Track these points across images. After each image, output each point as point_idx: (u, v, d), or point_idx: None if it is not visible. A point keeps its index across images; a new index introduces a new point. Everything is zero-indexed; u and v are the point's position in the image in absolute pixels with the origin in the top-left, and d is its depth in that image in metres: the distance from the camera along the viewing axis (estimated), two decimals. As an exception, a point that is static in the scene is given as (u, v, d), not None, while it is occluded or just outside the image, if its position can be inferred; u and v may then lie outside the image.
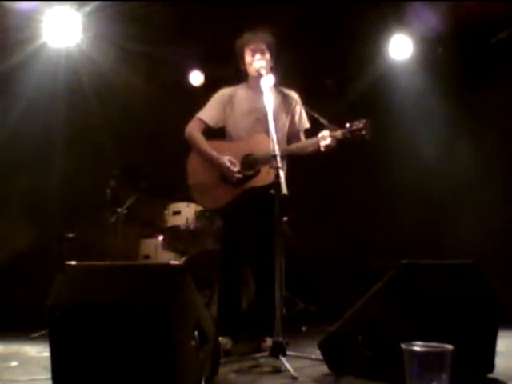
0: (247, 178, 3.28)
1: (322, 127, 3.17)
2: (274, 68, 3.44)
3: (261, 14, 4.63)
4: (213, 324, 2.50)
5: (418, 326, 2.13)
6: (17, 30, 4.40)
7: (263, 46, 3.35)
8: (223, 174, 3.31)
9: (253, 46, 3.36)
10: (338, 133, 3.08)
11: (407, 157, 5.27)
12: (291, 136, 3.48)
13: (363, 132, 3.03)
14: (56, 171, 5.08)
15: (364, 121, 3.04)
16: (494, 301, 2.44)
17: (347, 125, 3.07)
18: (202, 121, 3.44)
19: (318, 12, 4.58)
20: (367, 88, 5.25)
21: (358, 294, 2.57)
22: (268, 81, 3.25)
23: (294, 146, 3.41)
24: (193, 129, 3.44)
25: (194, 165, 3.44)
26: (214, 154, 3.34)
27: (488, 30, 4.87)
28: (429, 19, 4.55)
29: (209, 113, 3.45)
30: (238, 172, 3.27)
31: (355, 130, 3.04)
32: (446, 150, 5.15)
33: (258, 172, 3.25)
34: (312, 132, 3.45)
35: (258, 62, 3.31)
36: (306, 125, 3.49)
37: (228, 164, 3.28)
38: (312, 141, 3.29)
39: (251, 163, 3.28)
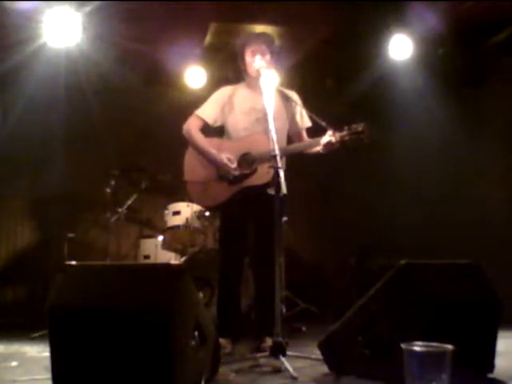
0: (244, 177, 3.28)
1: (321, 129, 3.17)
2: (276, 69, 3.44)
3: (261, 14, 4.64)
4: (213, 324, 2.50)
5: (417, 326, 2.13)
6: (17, 30, 4.40)
7: (264, 47, 3.35)
8: (220, 172, 3.32)
9: (253, 47, 3.35)
10: (337, 136, 3.08)
11: (407, 156, 5.27)
12: (294, 136, 3.49)
13: (362, 136, 3.03)
14: (56, 171, 5.08)
15: (363, 124, 3.04)
16: (494, 301, 2.44)
17: (346, 128, 3.08)
18: (200, 118, 3.44)
19: (318, 12, 4.58)
20: (367, 88, 5.25)
21: (358, 294, 2.57)
22: (270, 78, 3.24)
23: (292, 145, 3.41)
24: (191, 126, 3.44)
25: (190, 162, 3.44)
26: (212, 151, 3.34)
27: (488, 30, 4.87)
28: (429, 19, 4.54)
29: (208, 111, 3.45)
30: (235, 169, 3.27)
31: (354, 134, 3.05)
32: (446, 150, 5.15)
33: (255, 170, 3.26)
34: (311, 134, 3.46)
35: (257, 62, 3.31)
36: (308, 123, 3.50)
37: (225, 161, 3.28)
38: (312, 142, 3.31)
39: (249, 162, 3.28)
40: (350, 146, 3.09)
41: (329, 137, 3.11)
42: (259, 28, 4.78)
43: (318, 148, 3.23)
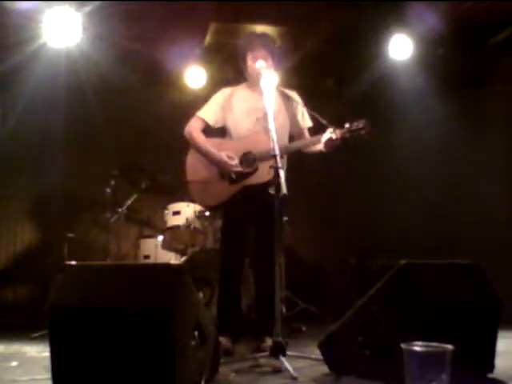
0: (245, 176, 3.28)
1: (322, 127, 3.18)
2: (275, 69, 3.44)
3: (261, 14, 4.64)
4: (213, 324, 2.50)
5: (417, 326, 2.13)
6: (17, 30, 4.40)
7: (265, 52, 3.35)
8: (221, 171, 3.32)
9: (255, 52, 3.35)
10: (338, 133, 3.10)
11: (407, 156, 5.26)
12: (296, 135, 3.51)
13: (362, 132, 3.04)
14: (56, 171, 5.08)
15: (363, 121, 3.06)
16: (494, 301, 2.44)
17: (346, 125, 3.10)
18: (201, 119, 3.45)
19: (319, 12, 4.58)
20: (367, 88, 5.25)
21: (358, 294, 2.56)
22: (270, 79, 3.25)
23: (294, 143, 3.43)
24: (192, 127, 3.45)
25: (192, 162, 3.45)
26: (212, 150, 3.35)
27: (488, 30, 4.87)
28: (429, 19, 4.54)
29: (209, 112, 3.46)
30: (236, 165, 3.27)
31: (354, 130, 3.06)
32: (446, 150, 5.15)
33: (256, 169, 3.27)
34: (312, 132, 3.46)
35: (258, 63, 3.31)
36: (309, 123, 3.51)
37: (226, 159, 3.29)
38: (313, 139, 3.32)
39: (250, 161, 3.29)
40: (351, 142, 3.10)
41: (329, 133, 3.12)
42: (259, 28, 4.78)
43: (320, 147, 3.24)
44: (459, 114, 4.97)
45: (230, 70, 5.11)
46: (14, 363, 2.94)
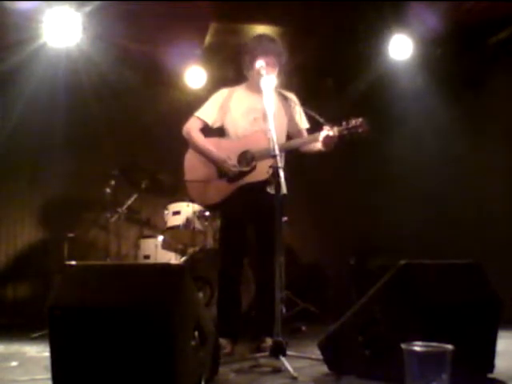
0: (244, 174, 3.29)
1: (320, 126, 3.19)
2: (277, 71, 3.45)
3: (262, 14, 4.64)
4: (213, 324, 2.50)
5: (418, 326, 2.13)
6: (17, 30, 4.40)
7: (274, 60, 3.35)
8: (220, 170, 3.33)
9: (266, 60, 3.32)
10: (335, 130, 3.11)
11: (407, 157, 5.26)
12: (294, 136, 3.51)
13: (359, 130, 3.06)
14: (56, 171, 5.08)
15: (360, 119, 3.08)
16: (494, 301, 2.44)
17: (344, 123, 3.11)
18: (200, 119, 3.46)
19: (319, 12, 4.58)
20: (367, 88, 5.25)
21: (358, 294, 2.56)
22: (270, 82, 3.25)
23: (291, 141, 3.43)
24: (191, 127, 3.47)
25: (191, 162, 3.46)
26: (211, 149, 3.37)
27: (488, 30, 4.87)
28: (429, 19, 4.54)
29: (207, 112, 3.47)
30: (235, 165, 3.29)
31: (351, 128, 3.08)
32: (446, 150, 5.15)
33: (254, 168, 3.27)
34: (310, 131, 3.47)
35: (259, 62, 3.30)
36: (306, 125, 3.52)
37: (225, 158, 3.30)
38: (310, 137, 3.32)
39: (248, 159, 3.31)
40: (349, 139, 3.11)
41: (327, 131, 3.13)
42: (259, 28, 4.78)
43: (319, 146, 3.25)
44: (459, 114, 4.96)
45: (230, 69, 5.12)
46: (14, 363, 2.94)
